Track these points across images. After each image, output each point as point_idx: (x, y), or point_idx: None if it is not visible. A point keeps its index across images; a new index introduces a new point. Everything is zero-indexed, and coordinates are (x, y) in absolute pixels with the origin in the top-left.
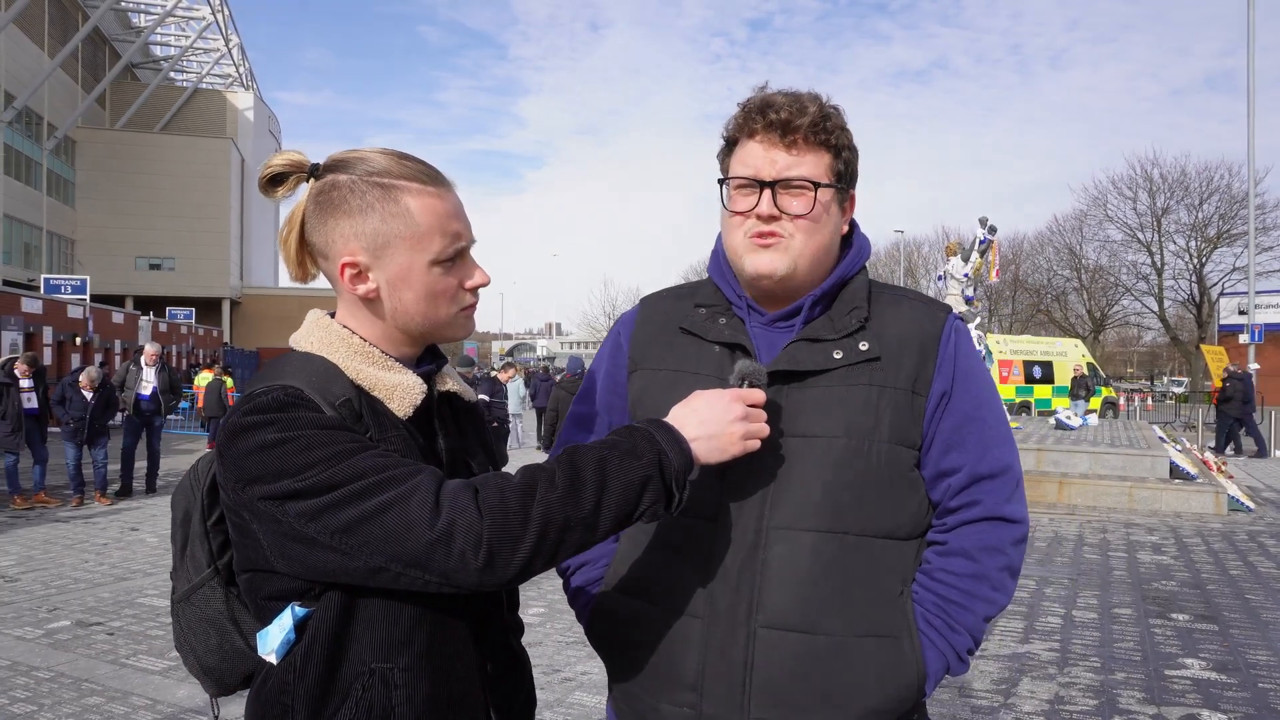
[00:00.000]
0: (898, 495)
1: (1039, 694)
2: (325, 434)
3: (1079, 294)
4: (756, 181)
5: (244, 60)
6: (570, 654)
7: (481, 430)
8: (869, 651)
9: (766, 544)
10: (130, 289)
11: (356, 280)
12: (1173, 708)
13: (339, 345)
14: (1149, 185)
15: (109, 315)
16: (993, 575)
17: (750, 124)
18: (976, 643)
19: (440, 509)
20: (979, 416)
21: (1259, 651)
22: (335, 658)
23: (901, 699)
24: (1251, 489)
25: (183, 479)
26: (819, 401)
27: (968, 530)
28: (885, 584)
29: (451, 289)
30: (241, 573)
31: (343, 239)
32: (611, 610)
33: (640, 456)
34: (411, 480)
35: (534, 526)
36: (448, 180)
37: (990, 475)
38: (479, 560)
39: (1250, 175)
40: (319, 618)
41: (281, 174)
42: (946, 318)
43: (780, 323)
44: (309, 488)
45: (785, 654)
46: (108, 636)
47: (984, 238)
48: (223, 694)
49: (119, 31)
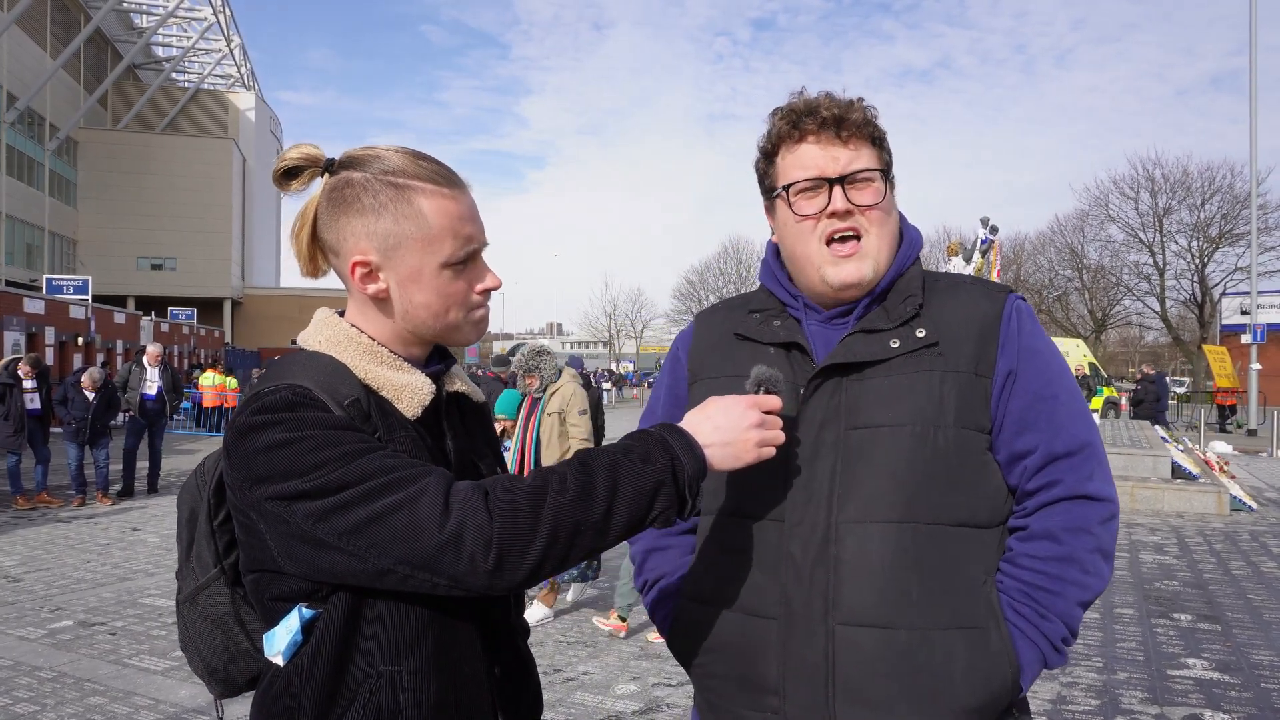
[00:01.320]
0: (970, 481)
1: (1041, 694)
2: (333, 434)
3: (1080, 294)
4: (823, 180)
5: (245, 61)
6: (572, 654)
7: (489, 431)
8: (954, 644)
9: (838, 539)
10: (132, 289)
11: (367, 279)
12: (1175, 708)
13: (347, 344)
14: (1151, 185)
15: (111, 315)
16: (1082, 557)
17: (800, 127)
18: (1073, 631)
19: (450, 511)
20: (1050, 394)
21: (1261, 651)
22: (342, 660)
23: (995, 693)
24: (1254, 489)
25: (189, 478)
26: (880, 392)
27: (1050, 511)
28: (966, 573)
29: (462, 292)
30: (248, 573)
31: (354, 237)
32: (689, 620)
33: (653, 462)
34: (420, 481)
35: (544, 530)
36: (462, 181)
37: (1068, 453)
38: (489, 563)
39: (1252, 175)
40: (326, 619)
41: (296, 168)
42: (1006, 297)
43: (837, 319)
44: (317, 488)
45: (866, 651)
46: (110, 636)
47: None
48: (228, 695)
49: (121, 32)
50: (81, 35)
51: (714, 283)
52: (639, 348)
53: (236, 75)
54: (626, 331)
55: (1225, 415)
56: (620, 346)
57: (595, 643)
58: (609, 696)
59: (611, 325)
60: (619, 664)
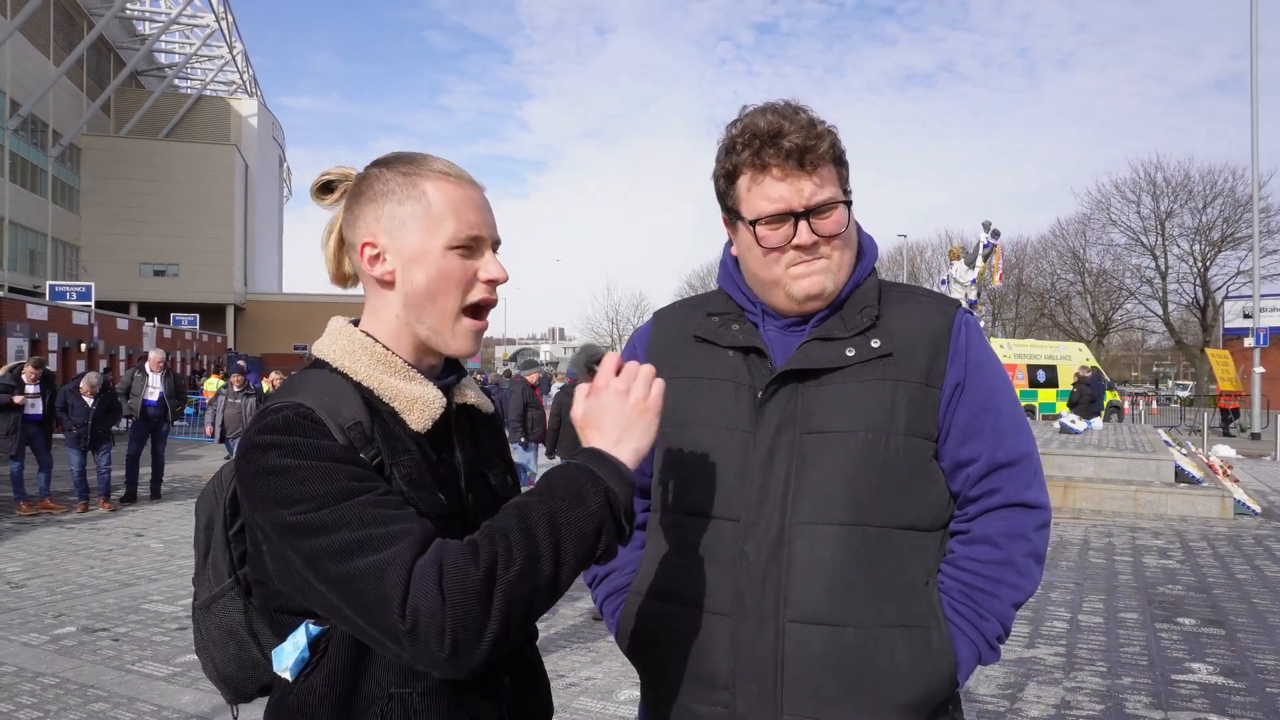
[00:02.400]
0: (917, 487)
1: (1045, 699)
2: (325, 466)
3: (1083, 298)
4: (790, 214)
5: (248, 67)
6: (574, 659)
7: (500, 441)
8: (898, 642)
9: (791, 539)
10: (135, 295)
11: (374, 262)
12: (1180, 712)
13: (361, 353)
14: (1152, 189)
15: (114, 321)
16: (1018, 561)
17: (763, 156)
18: (1006, 630)
19: (409, 592)
20: (994, 406)
21: (1266, 656)
22: (352, 682)
23: (934, 689)
24: (1257, 492)
25: (206, 485)
26: (835, 398)
27: (990, 518)
28: (910, 575)
29: (464, 274)
30: (256, 583)
31: (364, 224)
32: (640, 614)
33: (589, 504)
34: (390, 549)
35: (497, 611)
36: (476, 182)
37: (1008, 463)
38: (444, 650)
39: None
40: (337, 639)
41: (332, 182)
42: (956, 311)
43: (794, 327)
44: (300, 524)
45: (814, 648)
46: (113, 642)
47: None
48: (240, 702)
49: (124, 39)
50: (84, 42)
51: (714, 286)
52: None
53: (239, 81)
54: (628, 335)
55: (1228, 419)
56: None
57: (598, 648)
58: (611, 702)
59: (613, 329)
60: (622, 669)
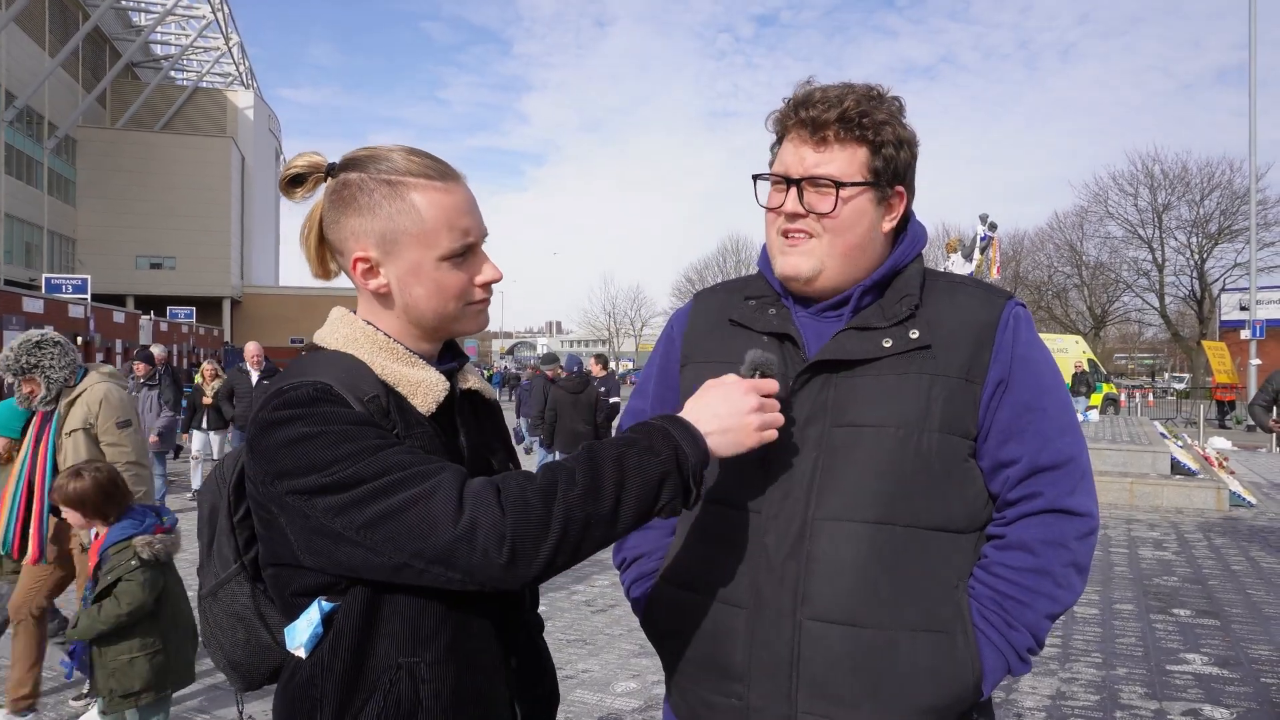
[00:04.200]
0: (951, 486)
1: (1041, 689)
2: (353, 429)
3: (1079, 290)
4: (785, 179)
5: (244, 59)
6: (571, 652)
7: (501, 427)
8: (920, 646)
9: (812, 535)
10: (131, 288)
11: (368, 275)
12: (1174, 703)
13: (364, 341)
14: (1150, 181)
15: (110, 314)
16: (1055, 570)
17: (786, 120)
18: (1039, 642)
19: (464, 506)
20: (1039, 406)
21: (1261, 646)
22: (362, 653)
23: (956, 697)
24: (1253, 484)
25: (209, 475)
26: (868, 391)
27: (1028, 523)
28: (938, 578)
29: (461, 284)
30: (268, 567)
31: (354, 236)
32: (663, 602)
33: (658, 453)
34: (436, 478)
35: (556, 525)
36: (457, 174)
37: (1052, 466)
38: (503, 557)
39: (1251, 171)
40: (345, 612)
41: (301, 175)
42: (1005, 303)
43: (829, 312)
44: (336, 483)
45: (832, 647)
46: None
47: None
48: (249, 688)
49: (119, 30)
50: (80, 33)
51: (713, 280)
52: (638, 346)
53: (235, 73)
54: (625, 330)
55: (1224, 411)
56: (619, 345)
57: (595, 640)
58: (609, 694)
59: (611, 324)
60: (619, 662)
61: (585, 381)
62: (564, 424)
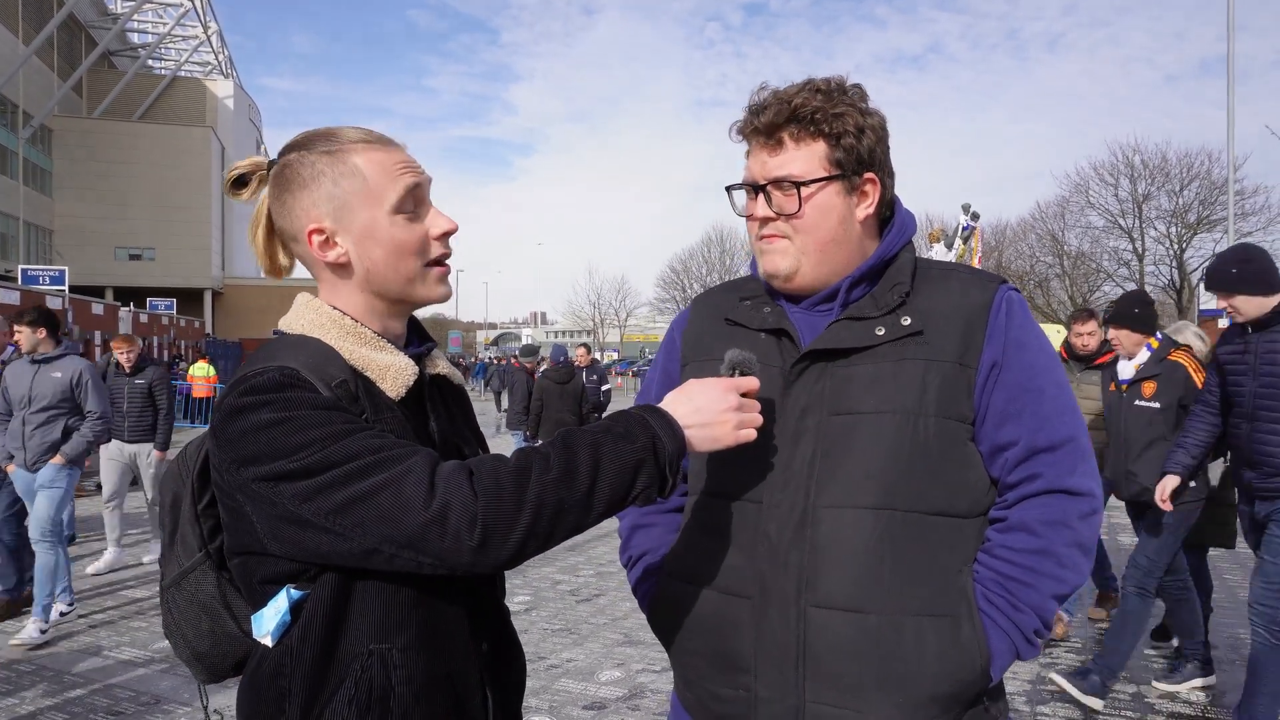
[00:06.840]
0: (950, 471)
1: (1021, 674)
2: (321, 414)
3: (1061, 280)
4: (753, 186)
5: (223, 48)
6: (555, 642)
7: (469, 414)
8: (925, 632)
9: (814, 522)
10: (110, 280)
11: (325, 247)
12: (1151, 686)
13: (330, 326)
14: (1130, 172)
15: (89, 306)
16: (1058, 550)
17: (745, 129)
18: (1046, 624)
19: (435, 489)
20: (1035, 387)
21: (1238, 628)
22: (332, 640)
23: (965, 681)
24: None
25: (171, 464)
26: (864, 379)
27: (1029, 504)
28: (941, 563)
29: (418, 238)
30: (234, 556)
31: (303, 211)
32: (667, 596)
33: (634, 440)
34: (406, 461)
35: (529, 508)
36: (396, 142)
37: (1050, 447)
38: (474, 540)
39: (1230, 162)
40: (315, 598)
41: (244, 175)
42: (998, 288)
43: (820, 306)
44: (303, 468)
45: (837, 634)
46: (90, 629)
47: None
48: (214, 680)
49: (95, 18)
50: (54, 20)
51: (697, 271)
52: (623, 336)
53: (214, 62)
54: (610, 320)
55: None
56: (604, 335)
57: (579, 630)
58: (593, 683)
59: (596, 314)
60: (603, 651)
61: (571, 371)
62: (550, 414)
